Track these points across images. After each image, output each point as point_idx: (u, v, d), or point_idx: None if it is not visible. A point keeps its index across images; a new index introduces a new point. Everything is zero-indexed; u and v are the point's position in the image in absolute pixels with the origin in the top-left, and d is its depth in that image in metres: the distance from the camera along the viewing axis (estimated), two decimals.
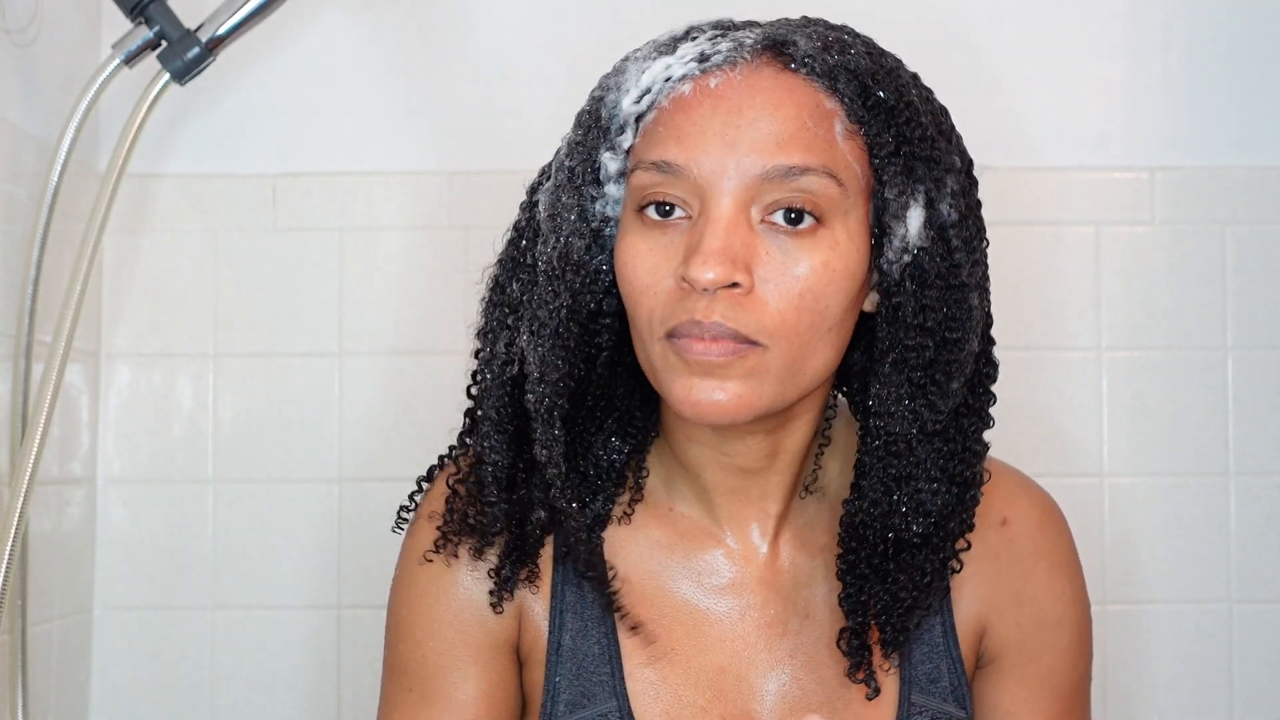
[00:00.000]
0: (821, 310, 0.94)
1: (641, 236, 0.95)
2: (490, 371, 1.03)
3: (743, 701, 1.03)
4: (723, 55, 0.94)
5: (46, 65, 1.51)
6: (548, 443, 1.00)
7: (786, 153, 0.91)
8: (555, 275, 0.99)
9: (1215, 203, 1.69)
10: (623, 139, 0.96)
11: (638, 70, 0.96)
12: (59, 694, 1.57)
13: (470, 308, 1.72)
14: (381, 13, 1.71)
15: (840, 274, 0.93)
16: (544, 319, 0.99)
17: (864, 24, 1.04)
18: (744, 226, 0.92)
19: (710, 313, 0.92)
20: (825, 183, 0.92)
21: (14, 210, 1.43)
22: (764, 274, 0.92)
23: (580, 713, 1.02)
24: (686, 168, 0.92)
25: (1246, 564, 1.66)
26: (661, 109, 0.95)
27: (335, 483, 1.68)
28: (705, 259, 0.91)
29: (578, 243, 0.98)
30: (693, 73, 0.94)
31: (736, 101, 0.92)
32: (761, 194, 0.92)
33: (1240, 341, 1.68)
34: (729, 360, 0.93)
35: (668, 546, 1.06)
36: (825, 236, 0.93)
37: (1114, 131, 1.70)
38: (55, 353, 1.31)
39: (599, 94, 0.99)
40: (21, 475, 1.27)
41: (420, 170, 1.70)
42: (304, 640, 1.67)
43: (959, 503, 1.02)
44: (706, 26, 0.98)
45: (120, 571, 1.67)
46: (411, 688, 1.06)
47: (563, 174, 0.99)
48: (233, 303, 1.69)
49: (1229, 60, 1.70)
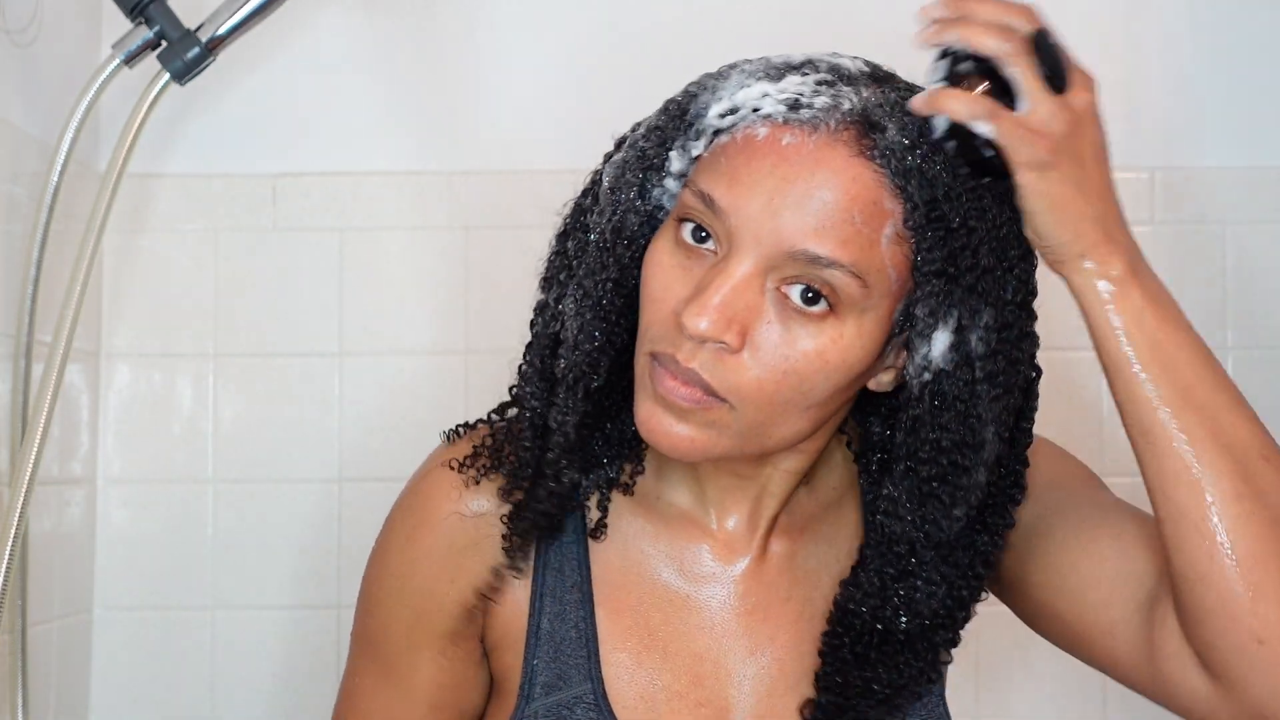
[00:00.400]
0: (804, 391, 0.93)
1: (670, 252, 0.95)
2: (541, 321, 1.03)
3: (720, 688, 1.04)
4: (812, 111, 0.91)
5: (46, 65, 1.51)
6: (565, 410, 1.00)
7: (820, 241, 0.90)
8: (606, 247, 0.98)
9: (1215, 203, 1.69)
10: (695, 146, 0.95)
11: (737, 84, 0.94)
12: (59, 694, 1.57)
13: (470, 307, 1.73)
14: (381, 13, 1.71)
15: (834, 365, 0.92)
16: (589, 289, 0.98)
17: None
18: (754, 289, 0.91)
19: (691, 358, 0.92)
20: (848, 280, 0.90)
21: (14, 210, 1.43)
22: (757, 340, 0.92)
23: (556, 695, 1.03)
24: (727, 213, 0.91)
25: None
26: (734, 139, 0.93)
27: (335, 483, 1.68)
28: (702, 310, 0.90)
29: (632, 219, 0.97)
30: (777, 117, 0.92)
31: (796, 170, 0.90)
32: (783, 266, 0.91)
33: (1240, 341, 1.68)
34: (692, 407, 0.93)
35: (652, 535, 1.06)
36: (832, 326, 0.92)
37: (1114, 131, 1.69)
38: (55, 353, 1.31)
39: (694, 90, 0.97)
40: (21, 475, 1.28)
41: (420, 170, 1.70)
42: (303, 640, 1.67)
43: (950, 616, 1.02)
44: (823, 65, 0.94)
45: (120, 571, 1.67)
46: (374, 658, 1.09)
47: (633, 152, 0.98)
48: (233, 303, 1.69)
49: (1229, 60, 1.70)
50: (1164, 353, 0.92)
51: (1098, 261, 0.92)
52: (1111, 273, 0.92)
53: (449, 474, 1.06)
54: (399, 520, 1.09)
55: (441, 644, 1.07)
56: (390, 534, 1.09)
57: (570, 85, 1.70)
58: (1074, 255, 0.92)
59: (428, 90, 1.71)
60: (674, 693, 1.04)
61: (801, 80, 0.93)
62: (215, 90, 1.68)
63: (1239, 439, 0.92)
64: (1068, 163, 0.90)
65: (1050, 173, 0.90)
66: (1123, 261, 0.92)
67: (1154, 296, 0.93)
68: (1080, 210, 0.91)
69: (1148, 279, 0.94)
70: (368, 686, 1.10)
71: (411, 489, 1.09)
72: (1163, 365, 0.92)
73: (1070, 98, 0.90)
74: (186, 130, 1.70)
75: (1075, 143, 0.91)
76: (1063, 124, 0.89)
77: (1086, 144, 0.92)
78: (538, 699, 1.03)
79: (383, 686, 1.09)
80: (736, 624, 1.05)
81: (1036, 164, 0.89)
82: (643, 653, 1.04)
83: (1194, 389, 0.92)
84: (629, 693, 1.03)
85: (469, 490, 1.06)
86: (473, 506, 1.05)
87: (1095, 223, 0.92)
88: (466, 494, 1.06)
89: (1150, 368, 0.92)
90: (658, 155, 0.97)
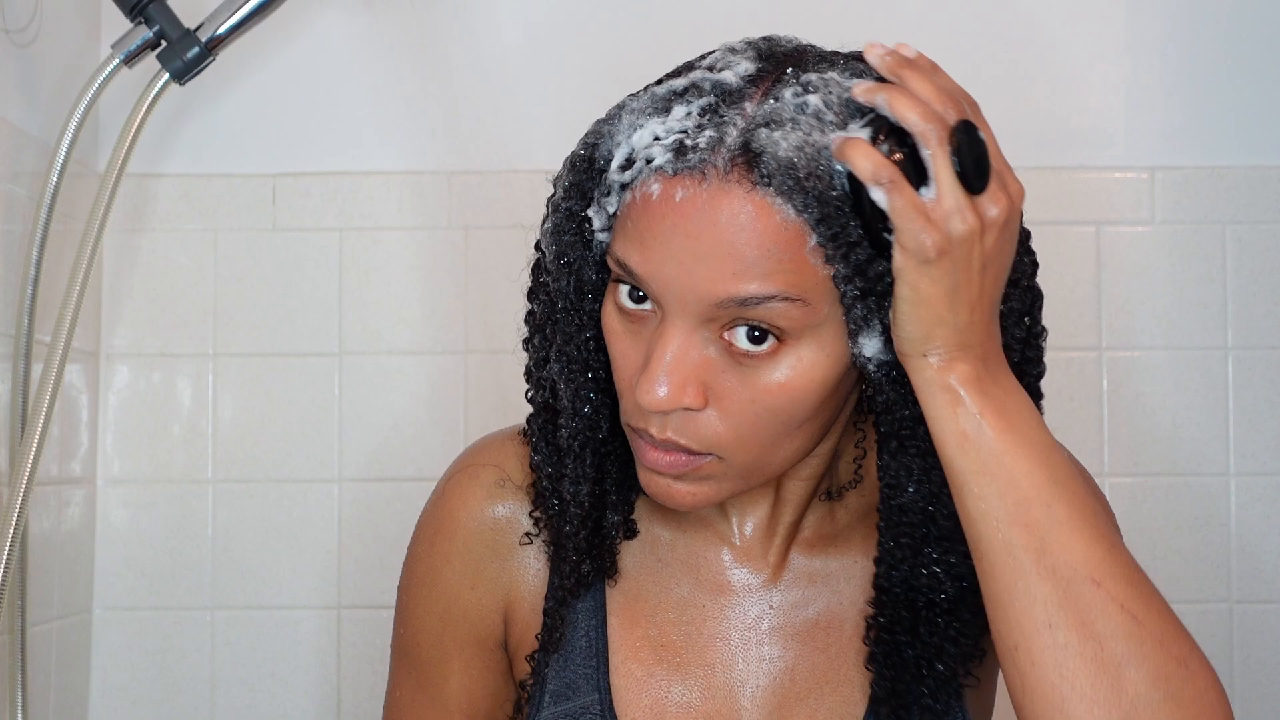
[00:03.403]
0: (785, 420, 0.92)
1: (617, 318, 0.94)
2: (532, 388, 1.04)
3: (731, 700, 1.03)
4: (699, 154, 0.88)
5: (46, 65, 1.51)
6: (577, 479, 1.01)
7: (742, 282, 0.87)
8: (573, 309, 0.97)
9: (1215, 203, 1.69)
10: (609, 203, 0.93)
11: (630, 127, 0.92)
12: (59, 694, 1.57)
13: (470, 307, 1.73)
14: (381, 13, 1.71)
15: (804, 389, 0.91)
16: (571, 355, 0.98)
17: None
18: (697, 346, 0.90)
19: (663, 430, 0.92)
20: (786, 306, 0.88)
21: (14, 210, 1.43)
22: (719, 391, 0.91)
23: (564, 704, 1.03)
24: (646, 280, 0.90)
25: (1246, 564, 1.66)
26: (635, 199, 0.91)
27: (335, 483, 1.68)
28: (652, 383, 0.89)
29: (588, 272, 0.97)
30: (666, 169, 0.89)
31: (698, 225, 0.88)
32: (718, 316, 0.89)
33: (1240, 341, 1.68)
34: (683, 471, 0.93)
35: (669, 543, 1.06)
36: (788, 354, 0.90)
37: (1114, 131, 1.71)
38: (55, 353, 1.32)
39: (593, 140, 0.94)
40: (21, 475, 1.28)
41: (420, 170, 1.70)
42: (304, 640, 1.67)
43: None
44: (706, 85, 0.91)
45: (120, 571, 1.67)
46: (410, 670, 1.09)
47: (560, 215, 0.96)
48: (233, 303, 1.69)
49: (1229, 60, 1.70)
50: (1000, 464, 0.87)
51: (942, 362, 0.87)
52: (950, 378, 0.87)
53: (469, 480, 1.06)
54: (422, 527, 1.09)
55: (469, 651, 1.07)
56: (415, 541, 1.09)
57: (570, 85, 1.70)
58: (918, 353, 0.88)
59: (428, 90, 1.71)
60: (684, 705, 1.03)
61: (686, 113, 0.90)
62: (215, 90, 1.68)
63: (1068, 560, 0.85)
64: (951, 265, 0.85)
65: (930, 268, 0.85)
66: (968, 366, 0.88)
67: (999, 406, 0.88)
68: (940, 314, 0.86)
69: (994, 387, 0.88)
70: (405, 698, 1.10)
71: (434, 495, 1.09)
72: (996, 477, 0.87)
73: (983, 201, 0.86)
74: (186, 130, 1.70)
75: (968, 249, 0.85)
76: (963, 224, 0.85)
77: (979, 253, 0.86)
78: (547, 708, 1.03)
79: (418, 696, 1.09)
80: (751, 635, 1.04)
81: (921, 254, 0.84)
82: (654, 664, 1.03)
83: (1028, 504, 0.86)
84: (637, 704, 1.02)
85: (489, 497, 1.06)
86: (492, 513, 1.05)
87: (952, 329, 0.87)
88: (486, 500, 1.06)
89: (983, 479, 0.87)
90: (582, 211, 0.95)
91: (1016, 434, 0.88)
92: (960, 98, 0.89)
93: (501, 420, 1.15)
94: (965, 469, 0.88)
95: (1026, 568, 0.86)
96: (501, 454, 1.08)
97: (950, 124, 0.86)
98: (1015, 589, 0.86)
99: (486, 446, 1.09)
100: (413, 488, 1.66)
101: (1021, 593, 0.86)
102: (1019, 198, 0.89)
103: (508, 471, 1.06)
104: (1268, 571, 1.67)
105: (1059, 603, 0.85)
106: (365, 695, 1.66)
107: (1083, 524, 0.87)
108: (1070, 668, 0.85)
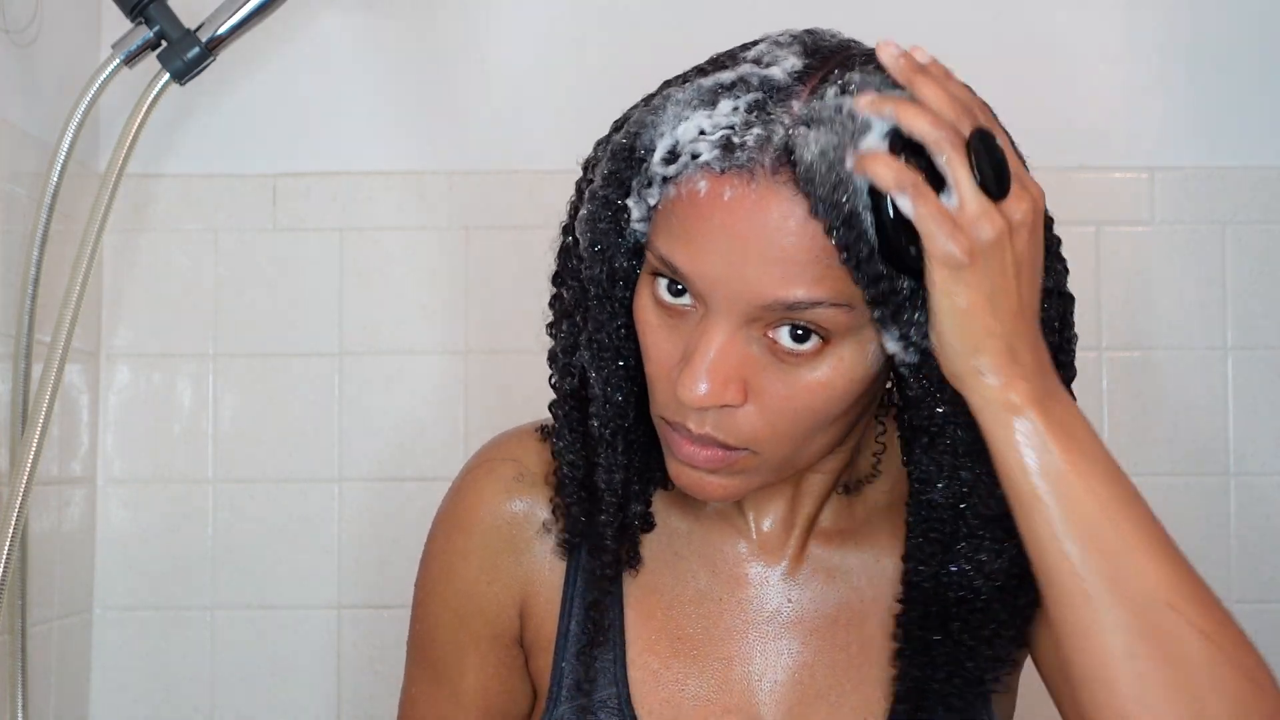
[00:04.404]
0: (821, 418, 0.92)
1: (654, 310, 0.94)
2: (556, 373, 1.03)
3: (748, 694, 1.03)
4: (747, 153, 0.87)
5: (46, 65, 1.51)
6: (611, 467, 1.00)
7: (791, 287, 0.87)
8: (605, 296, 0.97)
9: (1215, 203, 1.69)
10: (650, 194, 0.92)
11: (674, 117, 0.90)
12: (59, 694, 1.57)
13: (470, 307, 1.73)
14: (382, 13, 1.71)
15: (842, 388, 0.91)
16: (603, 341, 0.98)
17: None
18: (740, 343, 0.90)
19: (701, 425, 0.92)
20: (831, 312, 0.88)
21: (14, 210, 1.43)
22: (759, 388, 0.90)
23: (582, 698, 1.02)
24: (691, 278, 0.90)
25: (1246, 564, 1.66)
26: (680, 193, 0.90)
27: (335, 482, 1.68)
28: (694, 380, 0.89)
29: (621, 260, 0.96)
30: (714, 165, 0.88)
31: (746, 225, 0.87)
32: (763, 316, 0.89)
33: (1240, 341, 1.68)
34: (716, 466, 0.93)
35: (686, 535, 1.06)
36: (830, 354, 0.90)
37: (1114, 131, 1.71)
38: (55, 353, 1.31)
39: (635, 130, 0.93)
40: (21, 475, 1.28)
41: (420, 170, 1.70)
42: (304, 640, 1.67)
43: (1025, 574, 0.94)
44: (754, 80, 0.90)
45: (120, 571, 1.68)
46: (426, 666, 1.09)
47: (596, 203, 0.95)
48: (233, 303, 1.69)
49: (1229, 60, 1.70)
50: (1068, 487, 0.85)
51: (1000, 381, 0.85)
52: (1012, 397, 0.85)
53: (486, 475, 1.06)
54: (439, 522, 1.09)
55: (485, 647, 1.07)
56: (431, 537, 1.09)
57: (570, 85, 1.70)
58: (973, 370, 0.85)
59: (428, 90, 1.71)
60: (701, 698, 1.02)
61: (733, 108, 0.89)
62: (215, 90, 1.68)
63: (1144, 586, 0.83)
64: (984, 270, 0.83)
65: (964, 274, 0.83)
66: (1027, 385, 0.85)
67: (1062, 426, 0.85)
68: (987, 324, 0.84)
69: (1056, 406, 0.86)
70: (421, 694, 1.10)
71: (451, 491, 1.09)
72: (1065, 500, 0.85)
73: (1008, 205, 0.84)
74: (186, 130, 1.70)
75: (1000, 253, 0.84)
76: (990, 228, 0.83)
77: (1011, 257, 0.85)
78: (564, 702, 1.03)
79: (434, 692, 1.09)
80: (768, 629, 1.04)
81: (951, 261, 0.83)
82: (671, 656, 1.03)
83: (1099, 528, 0.84)
84: (655, 698, 1.02)
85: (506, 491, 1.06)
86: (510, 508, 1.05)
87: (1001, 339, 0.85)
88: (504, 495, 1.06)
89: (1050, 502, 0.85)
90: (620, 200, 0.94)
91: (1080, 454, 0.85)
92: (973, 104, 0.88)
93: (502, 420, 1.15)
94: (1032, 492, 0.85)
95: (1101, 594, 0.83)
96: (520, 448, 1.08)
97: (965, 133, 0.85)
98: (1090, 617, 0.84)
99: (504, 442, 1.09)
100: (414, 487, 1.67)
101: (1097, 620, 0.83)
102: (1041, 198, 0.88)
103: (526, 465, 1.06)
104: (1268, 571, 1.67)
105: (1139, 630, 0.83)
106: (365, 695, 1.66)
107: (1153, 545, 0.85)
108: (1152, 698, 0.83)
